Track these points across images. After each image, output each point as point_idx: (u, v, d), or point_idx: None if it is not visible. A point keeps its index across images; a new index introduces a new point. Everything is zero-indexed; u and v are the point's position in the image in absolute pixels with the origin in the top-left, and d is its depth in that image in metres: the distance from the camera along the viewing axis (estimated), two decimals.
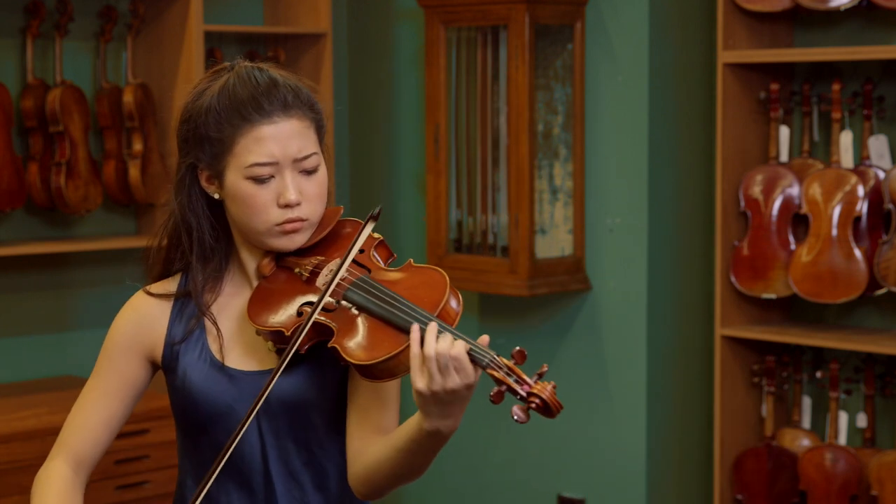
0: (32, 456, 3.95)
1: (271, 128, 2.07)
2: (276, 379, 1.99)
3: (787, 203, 4.37)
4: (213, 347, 2.15)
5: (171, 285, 2.21)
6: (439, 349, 1.89)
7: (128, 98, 4.47)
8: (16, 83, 4.40)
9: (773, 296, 4.38)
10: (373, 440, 2.10)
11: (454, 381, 1.90)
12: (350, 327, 2.01)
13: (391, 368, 1.96)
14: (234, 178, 2.09)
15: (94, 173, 4.43)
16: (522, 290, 4.51)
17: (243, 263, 2.18)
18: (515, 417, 1.86)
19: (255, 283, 2.17)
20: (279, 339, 2.07)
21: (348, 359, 1.97)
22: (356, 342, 1.98)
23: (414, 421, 1.98)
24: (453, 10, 4.61)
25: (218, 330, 2.15)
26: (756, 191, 4.39)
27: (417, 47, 5.02)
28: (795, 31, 4.54)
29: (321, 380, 2.12)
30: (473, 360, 1.91)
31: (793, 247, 4.37)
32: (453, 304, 1.99)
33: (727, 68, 4.34)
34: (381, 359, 1.95)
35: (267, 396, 2.05)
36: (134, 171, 4.50)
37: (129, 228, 4.73)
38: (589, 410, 4.70)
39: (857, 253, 4.21)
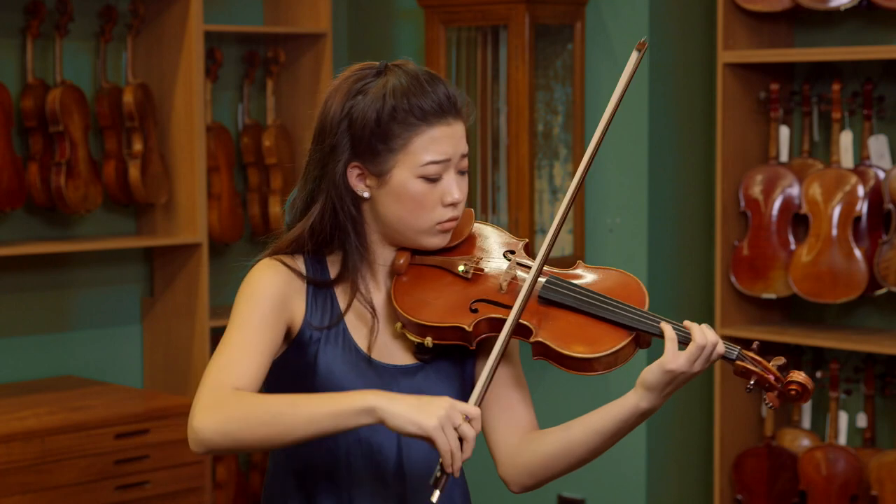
0: (32, 456, 3.95)
1: (447, 128, 2.13)
2: (493, 370, 2.05)
3: (787, 203, 4.37)
4: (360, 340, 2.16)
5: (299, 264, 2.17)
6: (710, 339, 2.09)
7: (128, 98, 4.47)
8: (16, 83, 4.40)
9: (773, 296, 4.38)
10: (535, 435, 2.19)
11: (702, 367, 2.10)
12: (555, 324, 2.11)
13: (610, 362, 2.11)
14: (405, 177, 2.11)
15: (94, 173, 4.43)
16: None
17: (373, 259, 2.19)
18: (771, 404, 2.10)
19: (381, 279, 2.19)
20: (449, 335, 2.12)
21: (567, 353, 2.08)
22: (570, 338, 2.10)
23: (628, 403, 2.14)
24: (453, 10, 4.61)
25: (375, 320, 2.16)
26: (756, 191, 4.39)
27: (417, 47, 5.02)
28: (795, 31, 4.54)
29: (451, 381, 2.19)
30: (724, 357, 2.11)
31: (793, 247, 4.37)
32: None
33: (727, 68, 4.34)
34: (606, 352, 2.09)
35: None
36: (134, 171, 4.49)
37: (129, 228, 4.73)
38: (589, 410, 4.69)
39: (857, 253, 4.21)
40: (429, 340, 2.12)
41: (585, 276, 2.19)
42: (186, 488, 4.28)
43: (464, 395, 2.17)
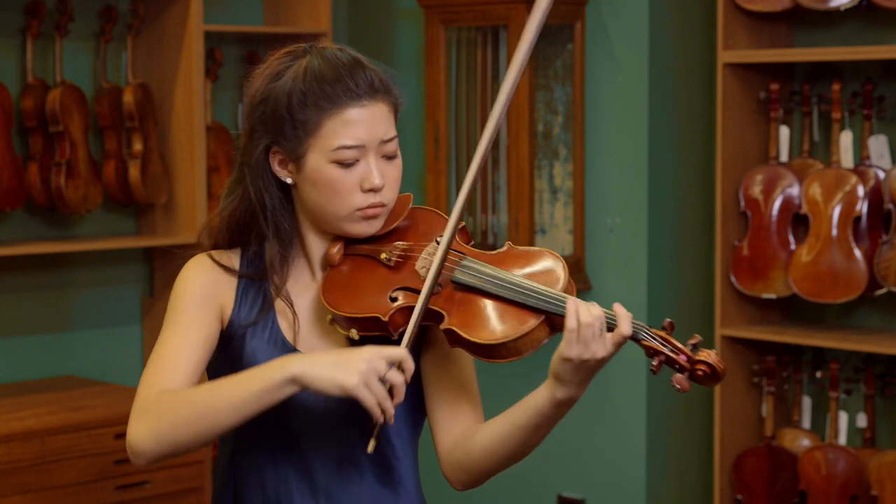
0: (32, 456, 3.95)
1: (360, 110, 2.04)
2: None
3: (787, 203, 4.37)
4: (287, 332, 2.11)
5: (233, 259, 2.14)
6: (595, 314, 1.93)
7: (128, 98, 4.47)
8: (16, 83, 4.40)
9: (773, 296, 4.38)
10: (472, 431, 2.09)
11: (603, 349, 1.94)
12: (464, 309, 2.00)
13: (519, 347, 1.98)
14: (318, 161, 2.05)
15: (94, 173, 4.43)
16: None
17: (308, 250, 2.14)
18: (678, 387, 1.93)
19: (317, 271, 2.13)
20: (370, 325, 2.03)
21: (472, 339, 1.96)
22: (478, 323, 1.98)
23: (543, 394, 2.00)
24: (453, 10, 4.61)
25: (294, 314, 2.11)
26: (756, 191, 4.39)
27: (417, 47, 5.02)
28: (795, 31, 4.54)
29: None
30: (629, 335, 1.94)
31: (793, 247, 4.37)
32: (569, 282, 2.02)
33: (727, 68, 4.34)
34: (513, 337, 1.97)
35: None
36: (134, 171, 4.49)
37: (129, 228, 4.73)
38: (589, 411, 4.70)
39: (857, 253, 4.21)
40: (353, 333, 2.04)
41: (505, 259, 2.06)
42: (186, 488, 4.28)
43: (407, 390, 2.08)
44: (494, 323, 1.98)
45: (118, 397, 4.33)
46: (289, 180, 2.10)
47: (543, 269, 2.03)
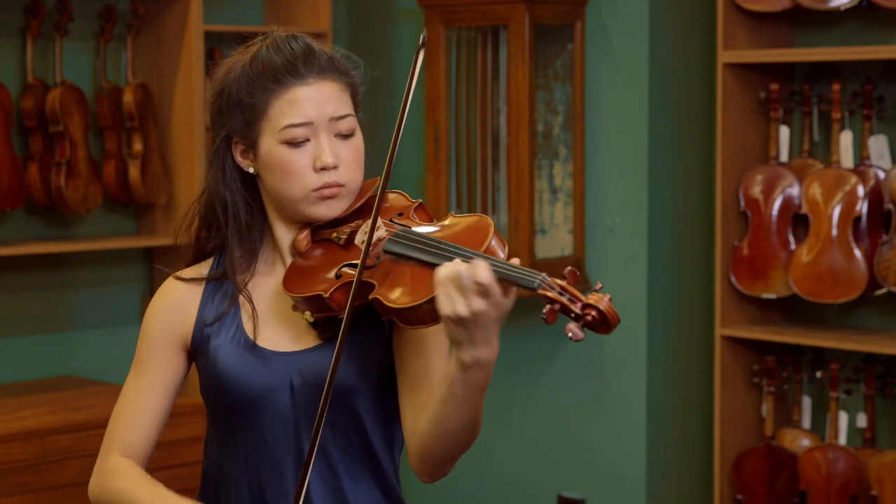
0: (32, 456, 3.95)
1: (306, 89, 2.05)
2: (340, 347, 1.93)
3: (787, 203, 4.37)
4: (247, 327, 2.11)
5: (202, 269, 2.17)
6: (456, 269, 1.83)
7: (128, 98, 4.47)
8: (16, 83, 4.40)
9: (773, 296, 4.38)
10: (419, 416, 2.03)
11: (478, 304, 1.82)
12: (391, 278, 1.95)
13: (433, 311, 1.88)
14: (269, 144, 2.05)
15: (94, 173, 4.43)
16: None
17: (277, 241, 2.13)
18: (570, 335, 1.80)
19: (288, 261, 2.12)
20: (318, 305, 2.00)
21: (390, 305, 1.91)
22: (399, 289, 1.93)
23: (451, 361, 1.89)
24: (453, 10, 4.61)
25: (253, 308, 2.11)
26: (756, 191, 4.39)
27: (417, 47, 5.01)
28: (795, 31, 4.54)
29: (361, 361, 2.06)
30: (521, 284, 1.84)
31: (793, 247, 4.37)
32: (495, 242, 1.94)
33: (727, 68, 4.34)
34: (424, 299, 1.89)
35: (303, 375, 2.05)
36: (134, 171, 4.50)
37: (129, 228, 4.73)
38: (589, 410, 4.70)
39: (857, 253, 4.21)
40: (308, 315, 2.03)
41: (441, 226, 2.00)
42: (186, 488, 4.25)
43: (374, 374, 2.07)
44: (410, 286, 1.93)
45: (118, 397, 4.33)
46: (250, 170, 2.11)
47: (469, 230, 1.96)
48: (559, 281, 1.84)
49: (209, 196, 2.13)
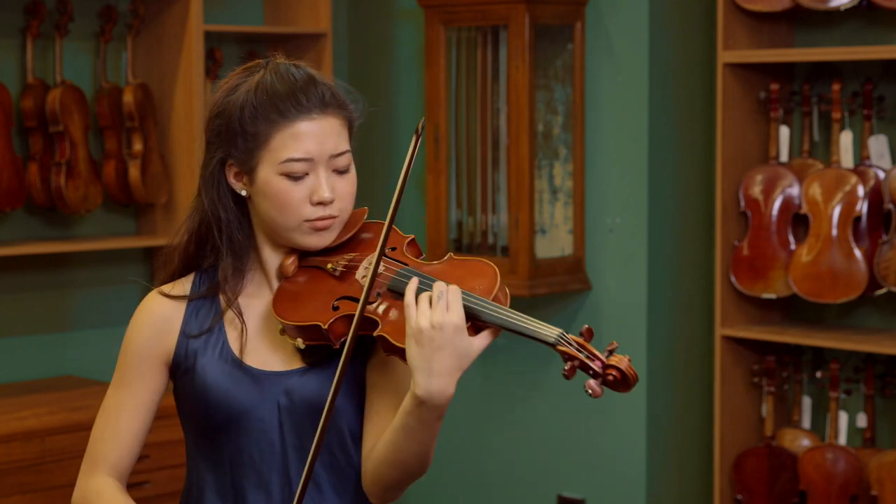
0: (32, 456, 3.95)
1: (309, 124, 2.07)
2: (341, 377, 1.97)
3: (787, 203, 4.37)
4: (234, 346, 2.13)
5: (184, 286, 2.18)
6: (411, 285, 1.94)
7: (128, 98, 4.47)
8: (16, 83, 4.40)
9: (773, 296, 4.38)
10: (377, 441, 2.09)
11: (424, 317, 1.91)
12: (395, 316, 2.00)
13: None
14: (268, 174, 2.07)
15: (94, 173, 4.43)
16: (522, 290, 4.51)
17: (264, 263, 2.16)
18: (590, 392, 1.91)
19: (274, 284, 2.15)
20: (313, 334, 2.04)
21: (399, 345, 1.96)
22: (404, 330, 1.97)
23: (409, 393, 1.96)
24: (453, 10, 4.61)
25: (243, 325, 2.13)
26: (756, 191, 4.39)
27: (417, 47, 5.02)
28: (795, 31, 4.54)
29: (346, 383, 2.10)
30: (539, 339, 1.93)
31: (793, 247, 4.37)
32: (502, 293, 2.01)
33: (727, 68, 4.34)
34: None
35: (291, 396, 2.08)
36: (134, 171, 4.50)
37: (129, 228, 4.73)
38: (589, 411, 4.70)
39: (857, 253, 4.21)
40: (300, 342, 2.06)
41: (441, 265, 2.06)
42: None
43: (350, 401, 2.11)
44: None
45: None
46: (243, 192, 2.13)
47: (473, 274, 2.02)
48: (576, 338, 1.94)
49: (203, 214, 2.15)
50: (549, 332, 1.93)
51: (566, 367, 1.92)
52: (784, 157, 4.43)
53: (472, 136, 4.70)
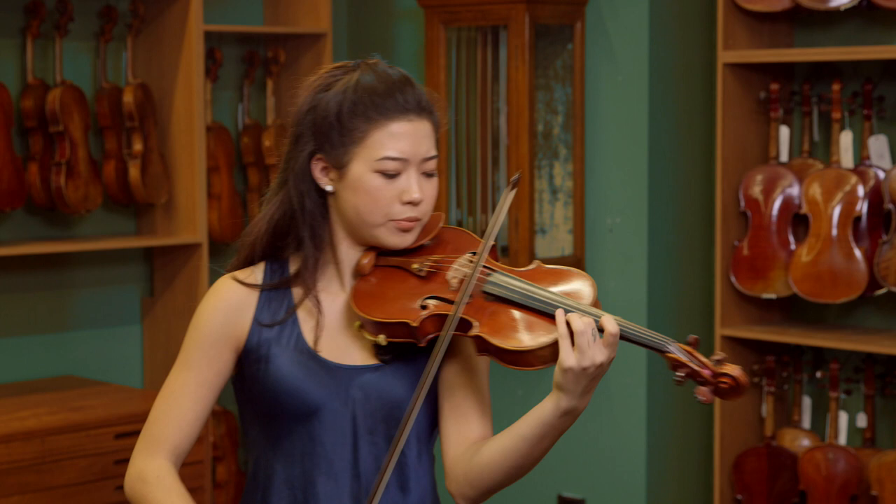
0: (32, 456, 3.95)
1: (406, 125, 2.11)
2: (430, 373, 2.04)
3: (787, 203, 4.37)
4: (308, 337, 2.16)
5: (256, 274, 2.21)
6: (586, 321, 1.99)
7: (128, 98, 4.47)
8: (16, 83, 4.40)
9: (773, 296, 4.38)
10: (478, 445, 2.14)
11: (600, 353, 1.99)
12: (495, 319, 2.08)
13: (546, 356, 2.04)
14: (361, 170, 2.11)
15: (94, 173, 4.43)
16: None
17: (339, 259, 2.19)
18: (702, 399, 2.01)
19: (346, 280, 2.19)
20: (398, 331, 2.10)
21: (500, 346, 2.03)
22: (507, 331, 2.06)
23: (548, 405, 2.03)
24: (453, 10, 4.61)
25: (320, 313, 2.16)
26: (756, 191, 4.39)
27: (417, 47, 5.02)
28: (795, 31, 4.55)
29: (411, 380, 2.16)
30: (652, 347, 2.03)
31: (793, 247, 4.37)
32: (597, 301, 2.11)
33: (727, 68, 4.34)
34: (541, 345, 2.03)
35: (366, 390, 2.13)
36: (134, 171, 4.50)
37: (129, 228, 4.73)
38: (589, 411, 4.70)
39: (857, 253, 4.21)
40: (382, 338, 2.11)
41: (533, 275, 2.15)
42: (186, 488, 4.28)
43: (426, 398, 2.17)
44: (523, 331, 2.06)
45: (118, 397, 4.34)
46: (329, 187, 2.16)
47: (571, 289, 2.12)
48: (685, 346, 2.04)
49: (286, 206, 2.17)
50: (664, 342, 2.03)
51: (680, 375, 2.02)
52: (784, 157, 4.43)
53: (472, 136, 4.70)
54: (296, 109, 2.18)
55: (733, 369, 2.01)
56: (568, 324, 2.00)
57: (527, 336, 2.05)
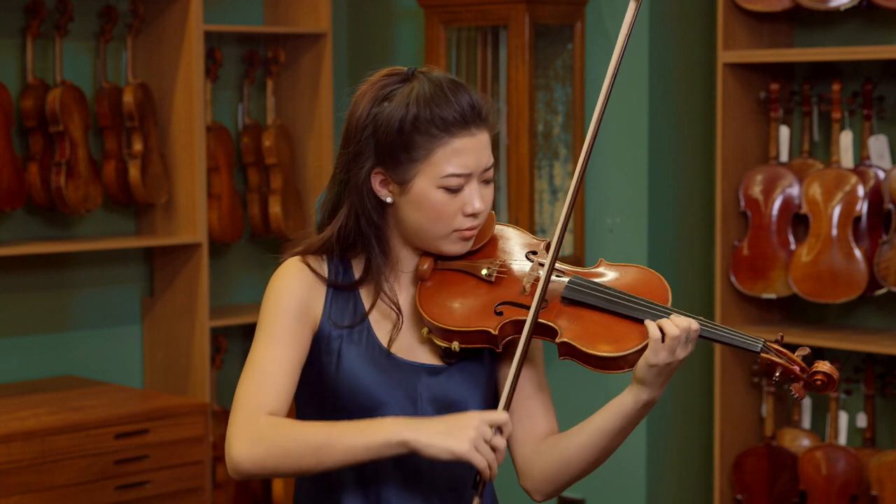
0: (32, 456, 3.95)
1: (469, 140, 2.13)
2: (517, 375, 2.08)
3: (787, 203, 4.37)
4: (383, 338, 2.18)
5: (322, 266, 2.20)
6: (682, 326, 2.12)
7: (128, 98, 4.47)
8: (16, 83, 4.40)
9: (773, 296, 4.38)
10: (552, 442, 2.22)
11: (684, 351, 2.12)
12: (577, 323, 2.12)
13: (635, 359, 2.10)
14: (425, 186, 2.13)
15: (94, 173, 4.43)
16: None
17: (396, 263, 2.21)
18: (796, 395, 2.10)
19: (404, 283, 2.22)
20: (476, 339, 2.13)
21: (590, 352, 2.09)
22: (595, 337, 2.11)
23: (628, 398, 2.14)
24: (453, 10, 4.61)
25: (399, 316, 2.18)
26: (756, 191, 4.39)
27: (417, 47, 5.02)
28: (795, 31, 4.55)
29: (475, 384, 2.20)
30: (744, 348, 2.13)
31: (793, 247, 4.37)
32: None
33: (727, 68, 4.34)
34: (631, 350, 2.10)
35: (431, 389, 2.16)
36: (134, 171, 4.50)
37: (129, 228, 4.73)
38: (589, 410, 4.69)
39: (857, 253, 4.21)
40: (455, 345, 2.14)
41: (607, 275, 2.21)
42: (186, 488, 4.28)
43: (487, 398, 2.21)
44: (611, 337, 2.12)
45: (118, 397, 4.34)
46: (388, 199, 2.17)
47: (644, 283, 2.21)
48: (775, 345, 2.12)
49: (357, 220, 2.17)
50: (754, 342, 2.11)
51: (776, 375, 2.10)
52: (784, 157, 4.43)
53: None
54: (353, 120, 2.17)
55: (825, 365, 2.09)
56: (660, 327, 2.08)
57: (615, 341, 2.10)
